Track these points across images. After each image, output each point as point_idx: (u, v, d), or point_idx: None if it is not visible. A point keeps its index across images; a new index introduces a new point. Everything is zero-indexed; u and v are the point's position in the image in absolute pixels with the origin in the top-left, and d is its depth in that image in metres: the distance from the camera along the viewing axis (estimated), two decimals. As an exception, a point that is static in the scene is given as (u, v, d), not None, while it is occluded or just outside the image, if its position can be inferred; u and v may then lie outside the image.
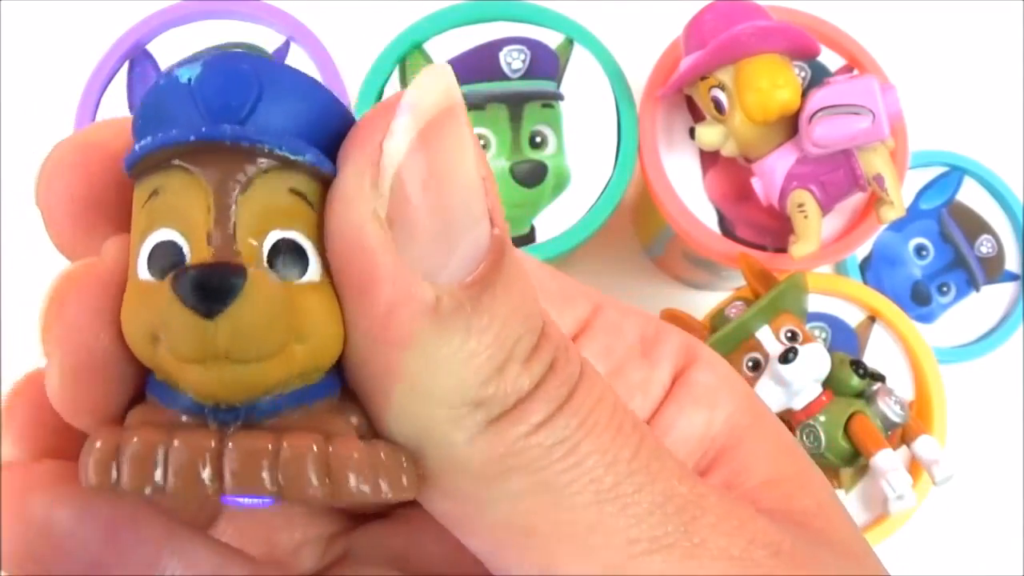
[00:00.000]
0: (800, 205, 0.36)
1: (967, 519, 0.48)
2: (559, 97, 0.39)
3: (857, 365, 0.35)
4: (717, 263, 0.40)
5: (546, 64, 0.40)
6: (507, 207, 0.38)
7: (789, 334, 0.35)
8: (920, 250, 0.49)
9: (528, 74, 0.39)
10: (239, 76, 0.12)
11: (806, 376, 0.34)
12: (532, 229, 0.39)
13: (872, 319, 0.41)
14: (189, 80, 0.12)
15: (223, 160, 0.12)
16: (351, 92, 0.39)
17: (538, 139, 0.39)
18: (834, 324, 0.40)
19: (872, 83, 0.34)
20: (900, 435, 0.36)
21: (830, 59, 0.40)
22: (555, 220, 0.39)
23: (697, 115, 0.40)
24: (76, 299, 0.12)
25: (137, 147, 0.12)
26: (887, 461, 0.34)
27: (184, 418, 0.12)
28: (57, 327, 0.12)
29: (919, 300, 0.49)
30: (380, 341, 0.12)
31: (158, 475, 0.11)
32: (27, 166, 0.49)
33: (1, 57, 0.50)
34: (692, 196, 0.40)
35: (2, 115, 0.50)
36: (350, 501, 0.12)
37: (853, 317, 0.41)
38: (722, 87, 0.36)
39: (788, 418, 0.36)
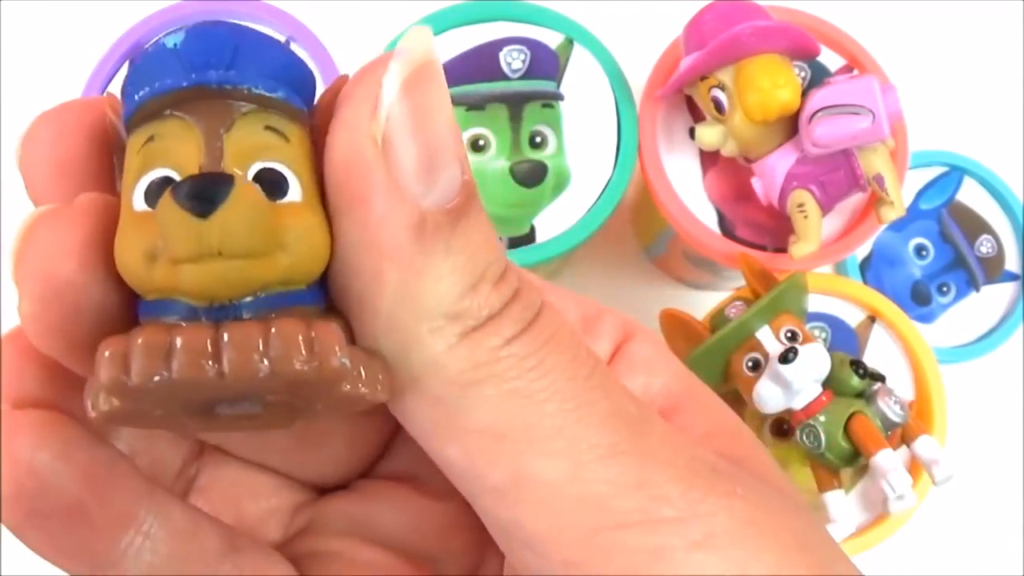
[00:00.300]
0: (800, 205, 0.36)
1: (967, 519, 0.48)
2: (559, 97, 0.39)
3: (857, 365, 0.35)
4: (717, 263, 0.40)
5: (546, 64, 0.40)
6: (507, 207, 0.38)
7: (789, 334, 0.35)
8: (920, 250, 0.49)
9: (528, 74, 0.39)
10: (218, 36, 0.14)
11: (806, 376, 0.34)
12: (532, 229, 0.39)
13: (872, 319, 0.41)
14: (175, 45, 0.14)
15: (210, 107, 0.14)
16: (351, 92, 0.39)
17: (538, 139, 0.39)
18: (834, 324, 0.40)
19: (872, 83, 0.34)
20: (900, 435, 0.36)
21: (830, 59, 0.40)
22: (555, 220, 0.39)
23: (697, 115, 0.40)
24: (43, 232, 0.13)
25: (136, 97, 0.14)
26: (887, 461, 0.34)
27: (182, 324, 0.13)
28: (27, 257, 0.13)
29: (919, 300, 0.49)
30: (371, 252, 0.14)
31: (163, 366, 0.12)
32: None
33: (1, 57, 0.50)
34: (692, 196, 0.40)
35: (2, 115, 0.50)
36: (333, 385, 0.13)
37: (853, 317, 0.41)
38: (722, 87, 0.36)
39: (788, 418, 0.36)
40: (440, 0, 0.39)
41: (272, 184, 0.13)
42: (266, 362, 0.13)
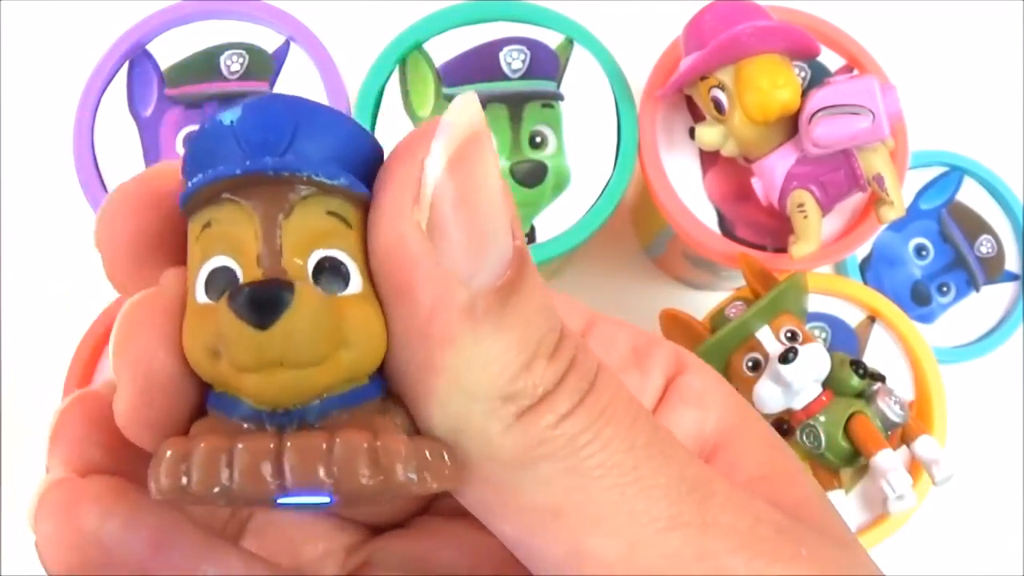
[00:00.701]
0: (800, 205, 0.36)
1: (967, 519, 0.48)
2: (559, 97, 0.39)
3: (857, 365, 0.35)
4: (717, 263, 0.40)
5: (546, 64, 0.40)
6: (507, 207, 0.38)
7: (789, 334, 0.35)
8: (920, 250, 0.49)
9: (528, 74, 0.39)
10: (276, 114, 0.13)
11: (806, 376, 0.34)
12: (532, 229, 0.39)
13: (872, 319, 0.41)
14: (231, 122, 0.13)
15: (267, 191, 0.13)
16: (351, 92, 0.39)
17: (538, 139, 0.39)
18: (834, 324, 0.40)
19: (872, 83, 0.34)
20: (900, 435, 0.36)
21: (830, 59, 0.40)
22: (555, 220, 0.39)
23: (697, 115, 0.40)
24: (144, 327, 0.13)
25: (190, 184, 0.13)
26: (887, 461, 0.34)
27: (244, 425, 0.13)
28: (128, 353, 0.13)
29: (919, 300, 0.49)
30: (423, 340, 0.13)
31: (225, 476, 0.12)
32: (27, 166, 0.50)
33: (1, 57, 0.50)
34: (692, 196, 0.40)
35: (2, 115, 0.50)
36: (398, 492, 0.13)
37: (853, 317, 0.41)
38: (722, 87, 0.36)
39: (788, 418, 0.36)
40: (440, 0, 0.39)
41: (333, 273, 0.13)
42: (331, 478, 0.12)
